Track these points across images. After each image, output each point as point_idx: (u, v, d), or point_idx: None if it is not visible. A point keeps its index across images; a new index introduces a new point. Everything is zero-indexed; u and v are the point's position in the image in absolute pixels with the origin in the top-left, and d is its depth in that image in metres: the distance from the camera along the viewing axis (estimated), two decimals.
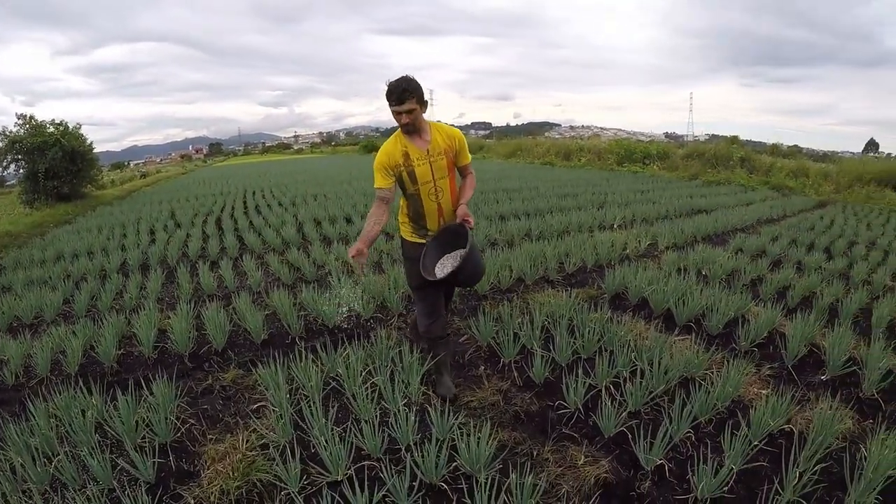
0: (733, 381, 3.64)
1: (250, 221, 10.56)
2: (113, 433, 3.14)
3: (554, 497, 2.72)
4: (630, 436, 3.12)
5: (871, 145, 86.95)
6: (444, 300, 3.81)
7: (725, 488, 2.73)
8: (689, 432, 3.24)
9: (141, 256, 7.71)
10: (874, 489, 2.66)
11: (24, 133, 17.75)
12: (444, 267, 3.46)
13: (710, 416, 3.42)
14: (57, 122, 18.55)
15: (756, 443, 3.12)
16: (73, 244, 8.52)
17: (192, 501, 2.66)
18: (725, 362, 4.07)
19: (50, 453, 2.95)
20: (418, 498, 2.57)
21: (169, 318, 4.79)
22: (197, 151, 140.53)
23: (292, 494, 2.56)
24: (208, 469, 2.90)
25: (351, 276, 3.74)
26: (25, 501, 2.60)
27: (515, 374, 3.95)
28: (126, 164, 78.01)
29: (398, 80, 3.15)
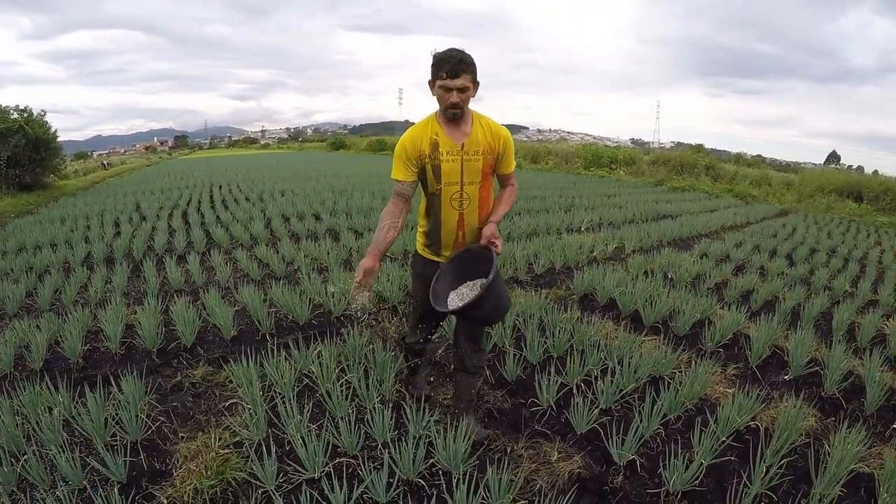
0: (700, 380, 3.78)
1: (217, 216, 10.45)
2: (81, 431, 3.09)
3: (529, 492, 2.78)
4: (602, 432, 3.21)
5: (833, 157, 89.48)
6: (436, 323, 3.40)
7: (696, 482, 2.83)
8: (659, 429, 3.34)
9: (106, 249, 7.57)
10: (838, 482, 2.81)
11: None
12: (462, 299, 2.88)
13: (679, 413, 3.54)
14: (21, 108, 18.04)
15: (724, 439, 3.23)
16: (36, 235, 8.33)
17: (166, 501, 2.63)
18: (692, 362, 4.20)
19: (17, 452, 2.88)
20: (397, 494, 2.58)
21: (136, 312, 4.71)
22: (162, 143, 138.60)
23: (270, 492, 2.56)
24: (181, 468, 2.86)
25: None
26: None
27: (488, 373, 3.99)
28: (90, 154, 76.48)
29: (452, 49, 2.66)
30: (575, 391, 3.68)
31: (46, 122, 18.67)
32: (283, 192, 14.11)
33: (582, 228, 10.29)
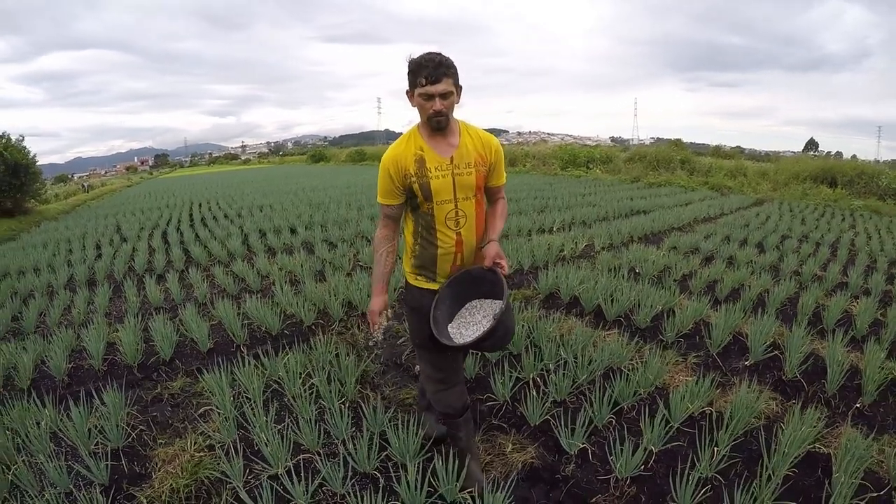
0: (654, 369, 3.94)
1: (196, 234, 10.65)
2: (67, 441, 3.32)
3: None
4: (554, 423, 3.33)
5: (811, 144, 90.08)
6: (461, 359, 2.99)
7: (643, 468, 2.99)
8: (611, 418, 3.50)
9: (88, 272, 7.76)
10: (789, 462, 2.95)
11: None
12: (466, 327, 2.59)
13: (633, 402, 3.69)
14: None
15: (677, 425, 3.38)
16: (19, 261, 8.50)
17: (145, 501, 2.87)
18: (652, 353, 4.30)
19: (8, 462, 3.11)
20: (352, 484, 2.81)
21: (117, 331, 4.93)
22: (142, 163, 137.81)
23: (237, 488, 2.79)
24: (159, 470, 3.10)
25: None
26: None
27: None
28: (70, 176, 76.11)
29: (428, 52, 2.40)
30: (530, 384, 3.86)
31: (25, 148, 18.80)
32: (261, 208, 14.30)
33: (553, 228, 10.45)
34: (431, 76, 2.33)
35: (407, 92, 2.47)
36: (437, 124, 2.44)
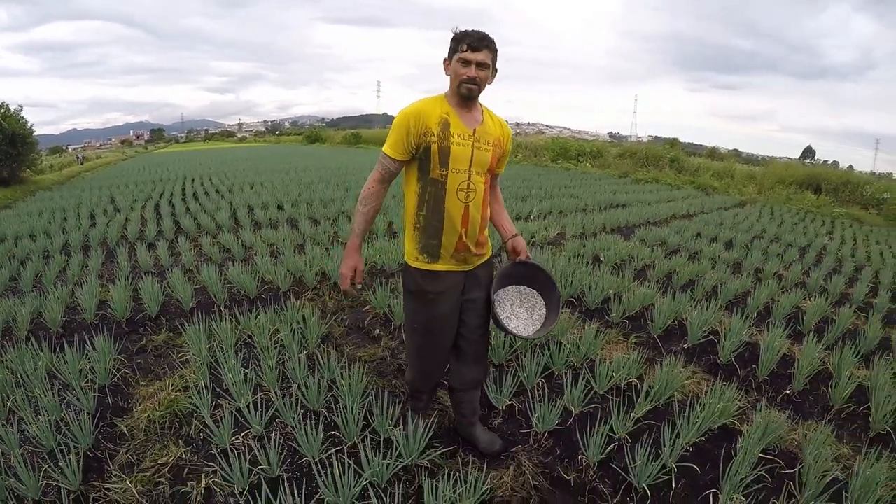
0: (587, 342, 4.33)
1: (187, 207, 11.08)
2: (61, 378, 3.77)
3: None
4: (488, 382, 3.63)
5: (808, 152, 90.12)
6: (448, 353, 2.96)
7: (562, 424, 3.38)
8: (541, 381, 3.91)
9: (82, 238, 8.16)
10: (701, 431, 3.27)
11: None
12: (517, 317, 2.80)
13: (564, 369, 4.08)
14: None
15: (602, 392, 3.78)
16: (15, 227, 8.83)
17: (125, 428, 3.33)
18: (591, 329, 4.55)
19: (6, 394, 3.54)
20: (301, 417, 3.24)
21: (109, 290, 5.35)
22: (138, 137, 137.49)
23: (205, 418, 3.23)
24: (139, 405, 3.57)
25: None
26: None
27: (403, 335, 4.62)
28: (65, 148, 76.01)
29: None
30: None
31: (23, 117, 19.02)
32: (252, 185, 14.68)
33: (532, 217, 10.71)
34: (474, 44, 2.41)
35: (444, 60, 2.55)
36: (468, 91, 2.47)
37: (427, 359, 2.89)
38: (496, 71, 2.57)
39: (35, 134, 20.27)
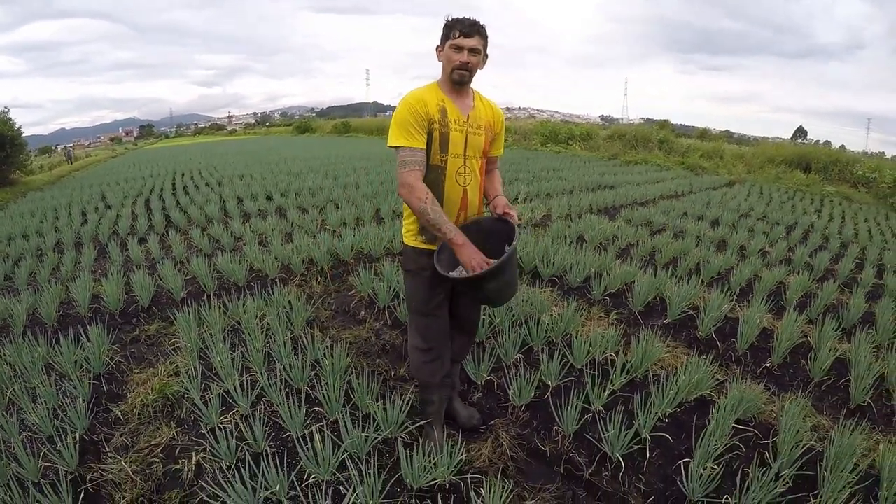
0: (567, 318, 4.47)
1: (177, 201, 11.17)
2: (58, 368, 3.92)
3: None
4: (466, 358, 3.70)
5: (800, 132, 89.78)
6: (450, 337, 3.00)
7: (538, 398, 3.53)
8: (520, 356, 4.06)
9: (74, 236, 8.27)
10: (676, 400, 3.39)
11: None
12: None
13: (542, 345, 4.19)
14: None
15: (579, 366, 3.91)
16: (7, 228, 8.92)
17: (120, 413, 3.48)
18: (571, 306, 4.67)
19: (5, 386, 3.68)
20: (287, 395, 3.39)
21: (101, 284, 5.46)
22: (127, 134, 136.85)
23: (195, 400, 3.37)
24: (133, 391, 3.73)
25: None
26: None
27: (387, 317, 4.84)
28: (54, 148, 75.77)
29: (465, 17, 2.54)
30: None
31: (10, 119, 19.02)
32: (241, 177, 14.77)
33: (518, 199, 10.81)
34: (465, 31, 2.48)
35: (437, 48, 2.62)
36: (461, 77, 2.55)
37: (434, 340, 2.87)
38: (487, 56, 2.64)
39: (24, 135, 20.25)
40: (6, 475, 2.78)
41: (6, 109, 19.12)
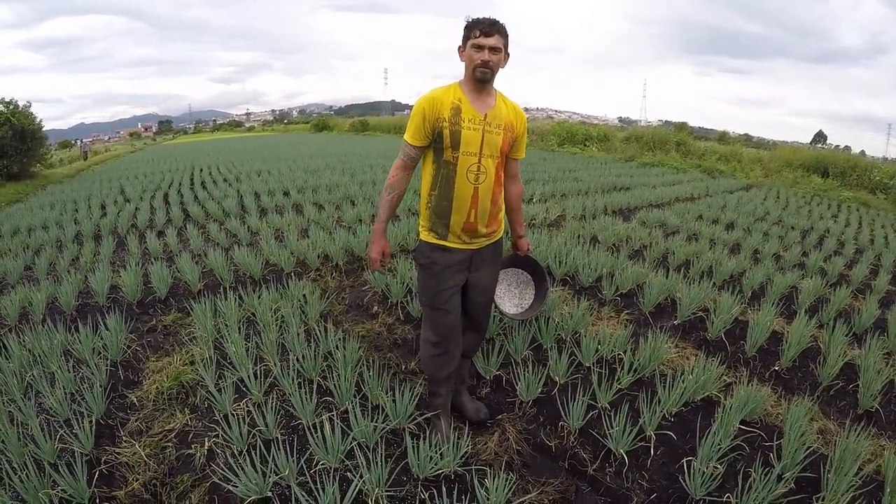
0: (577, 317, 4.51)
1: (195, 195, 11.28)
2: (76, 355, 4.01)
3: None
4: (476, 354, 3.73)
5: (820, 137, 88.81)
6: (461, 328, 3.05)
7: (546, 394, 3.56)
8: (529, 353, 4.10)
9: (93, 228, 8.37)
10: (682, 400, 3.43)
11: None
12: (509, 296, 3.67)
13: (551, 342, 4.19)
14: (6, 100, 18.63)
15: (588, 364, 3.94)
16: (28, 220, 9.04)
17: (135, 399, 3.57)
18: (582, 306, 4.73)
19: (25, 371, 3.77)
20: (299, 384, 3.46)
21: (120, 275, 5.57)
22: (146, 129, 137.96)
23: (210, 388, 3.45)
24: (149, 378, 3.82)
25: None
26: (8, 402, 3.39)
27: (400, 312, 4.89)
28: (73, 142, 76.63)
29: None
30: None
31: (32, 113, 19.18)
32: (259, 173, 14.86)
33: (534, 199, 10.84)
34: (485, 30, 2.56)
35: (459, 48, 2.71)
36: (482, 75, 2.61)
37: (445, 334, 2.93)
38: (508, 55, 2.71)
39: (44, 129, 20.45)
40: (23, 455, 2.86)
41: (28, 104, 19.27)
